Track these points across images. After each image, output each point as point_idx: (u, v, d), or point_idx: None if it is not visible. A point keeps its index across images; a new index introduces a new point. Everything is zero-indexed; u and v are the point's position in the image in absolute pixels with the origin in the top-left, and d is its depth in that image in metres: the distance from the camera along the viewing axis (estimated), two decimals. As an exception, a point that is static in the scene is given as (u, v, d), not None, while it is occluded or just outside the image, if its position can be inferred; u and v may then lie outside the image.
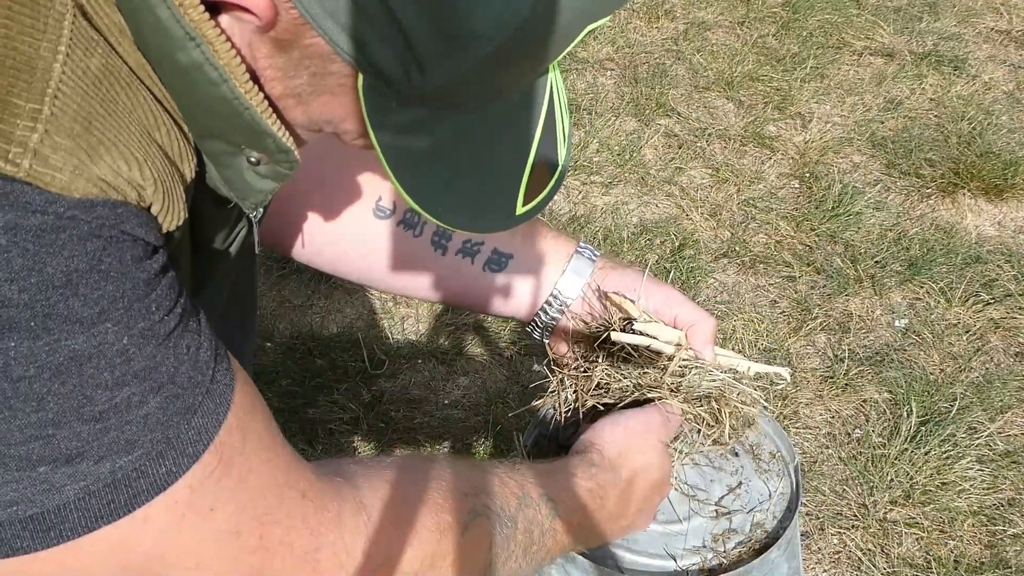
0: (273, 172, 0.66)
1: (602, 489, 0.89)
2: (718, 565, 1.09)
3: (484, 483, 0.77)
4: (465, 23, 0.54)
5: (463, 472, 0.76)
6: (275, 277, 2.24)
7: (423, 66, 0.56)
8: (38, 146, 0.50)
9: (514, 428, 1.85)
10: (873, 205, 2.50)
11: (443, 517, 0.71)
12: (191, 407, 0.56)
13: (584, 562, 1.07)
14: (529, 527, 0.79)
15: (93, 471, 0.53)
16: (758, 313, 2.19)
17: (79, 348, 0.51)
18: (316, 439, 1.87)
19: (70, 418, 0.51)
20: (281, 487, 0.62)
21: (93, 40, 0.54)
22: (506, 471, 0.81)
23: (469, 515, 0.72)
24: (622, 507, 0.93)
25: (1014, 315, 2.19)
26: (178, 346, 0.56)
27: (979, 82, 3.00)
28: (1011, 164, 2.62)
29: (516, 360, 2.05)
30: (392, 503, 0.68)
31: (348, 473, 0.68)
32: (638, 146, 2.68)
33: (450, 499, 0.72)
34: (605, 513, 0.90)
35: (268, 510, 0.61)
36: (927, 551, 1.71)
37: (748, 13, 3.29)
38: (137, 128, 0.56)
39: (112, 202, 0.52)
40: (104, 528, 0.54)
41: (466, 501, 0.73)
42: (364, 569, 0.64)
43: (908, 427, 1.89)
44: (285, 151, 0.64)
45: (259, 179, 0.66)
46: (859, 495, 1.81)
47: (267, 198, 0.68)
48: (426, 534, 0.69)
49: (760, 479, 1.19)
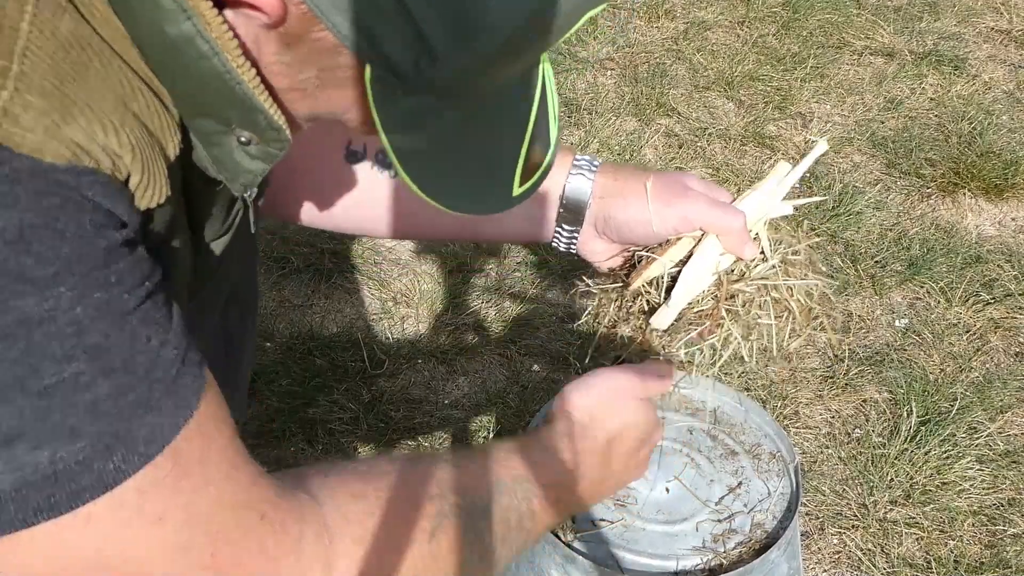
0: (263, 152, 0.64)
1: (579, 457, 0.86)
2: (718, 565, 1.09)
3: (453, 479, 0.74)
4: (479, 15, 0.54)
5: (431, 471, 0.73)
6: (275, 277, 2.24)
7: (434, 57, 0.56)
8: (8, 104, 0.47)
9: (515, 428, 1.85)
10: (873, 205, 2.50)
11: (409, 528, 0.69)
12: (146, 402, 0.52)
13: (584, 562, 1.07)
14: (505, 515, 0.77)
15: (31, 459, 0.49)
16: (758, 313, 2.19)
17: (29, 311, 0.47)
18: (316, 439, 1.87)
19: (12, 390, 0.48)
20: (240, 506, 0.58)
21: (60, 6, 0.52)
22: (477, 459, 0.78)
23: (437, 518, 0.70)
24: (604, 470, 0.89)
25: (1014, 315, 2.19)
26: (136, 332, 0.52)
27: (979, 82, 3.00)
28: (1011, 164, 2.62)
29: (516, 360, 2.05)
30: (356, 519, 0.66)
31: (314, 487, 0.65)
32: (638, 146, 2.68)
33: (416, 506, 0.70)
34: (587, 481, 0.87)
35: (223, 528, 0.57)
36: (927, 551, 1.71)
37: (748, 13, 3.29)
38: (112, 96, 0.53)
39: (78, 168, 0.49)
40: (43, 524, 0.50)
41: (433, 504, 0.71)
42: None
43: (908, 427, 1.89)
44: (276, 128, 0.62)
45: (249, 160, 0.64)
46: (859, 495, 1.81)
47: (257, 179, 0.66)
48: (390, 551, 0.67)
49: (760, 479, 1.19)
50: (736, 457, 1.22)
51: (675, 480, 1.19)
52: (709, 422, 1.27)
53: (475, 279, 2.25)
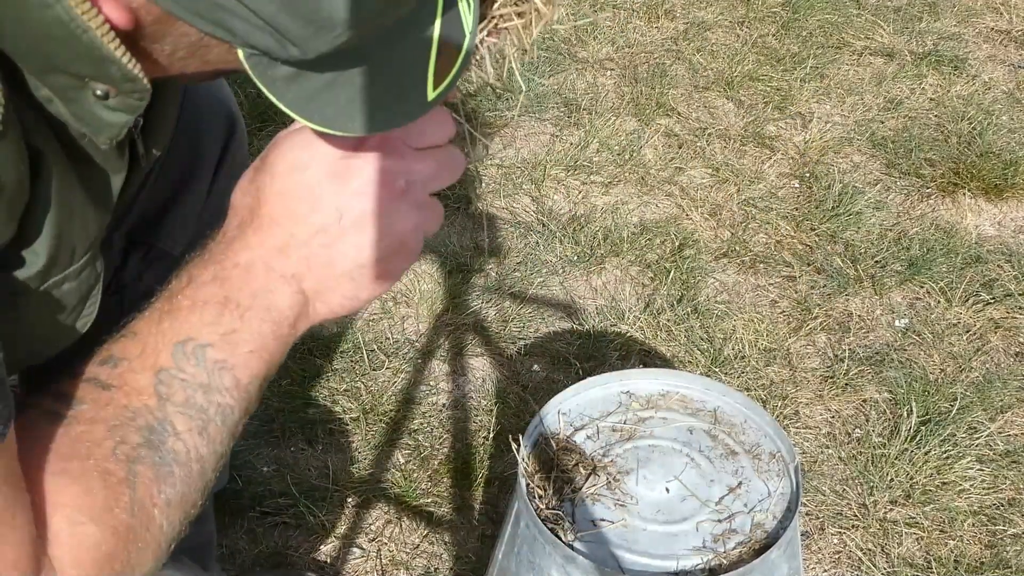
0: (123, 104, 0.61)
1: (239, 267, 0.70)
2: (718, 565, 1.09)
3: (116, 409, 0.65)
4: (322, 10, 0.53)
5: (91, 412, 0.65)
6: (275, 277, 2.24)
7: (298, 45, 0.54)
8: None
9: (515, 428, 1.85)
10: (873, 205, 2.50)
11: (110, 496, 0.62)
12: None
13: (585, 562, 1.07)
14: (187, 411, 0.67)
15: None
16: (758, 313, 2.19)
17: None
18: (316, 439, 1.87)
19: None
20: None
21: None
22: (123, 360, 0.67)
23: (127, 472, 0.63)
24: (284, 264, 0.70)
25: (1014, 315, 2.19)
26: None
27: (979, 82, 3.00)
28: (1011, 164, 2.62)
29: (516, 360, 2.05)
30: (64, 508, 0.62)
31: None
32: (638, 146, 2.68)
33: (102, 464, 0.63)
34: (269, 299, 0.71)
35: None
36: (927, 551, 1.71)
37: (748, 13, 3.29)
38: None
39: None
40: None
41: (116, 453, 0.64)
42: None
43: (908, 427, 1.89)
44: (132, 79, 0.59)
45: (110, 112, 0.61)
46: (859, 495, 1.81)
47: (122, 132, 0.64)
48: (91, 530, 0.62)
49: (760, 479, 1.19)
50: (736, 457, 1.22)
51: (675, 480, 1.19)
52: (709, 422, 1.27)
53: (475, 279, 2.25)
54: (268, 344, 0.72)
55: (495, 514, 1.74)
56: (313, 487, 1.77)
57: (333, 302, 0.74)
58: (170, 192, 1.11)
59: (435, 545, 1.71)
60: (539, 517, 1.11)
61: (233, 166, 1.17)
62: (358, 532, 1.73)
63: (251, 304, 0.70)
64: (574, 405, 1.28)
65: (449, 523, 1.74)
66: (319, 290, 0.73)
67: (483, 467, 1.82)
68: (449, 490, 1.80)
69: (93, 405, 0.65)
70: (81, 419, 0.64)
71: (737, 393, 1.30)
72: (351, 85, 0.60)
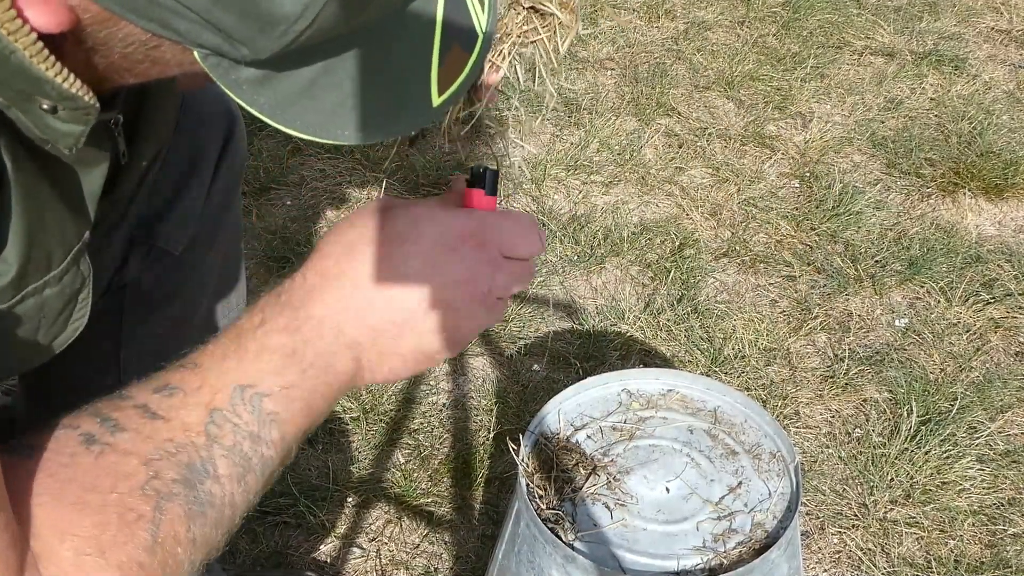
0: (73, 116, 0.59)
1: (307, 337, 0.69)
2: (718, 565, 1.09)
3: (158, 442, 0.64)
4: (260, 4, 0.50)
5: (130, 443, 0.64)
6: (275, 277, 2.24)
7: (245, 44, 0.52)
8: None
9: (515, 428, 1.85)
10: (873, 205, 2.50)
11: (124, 532, 0.60)
12: None
13: (585, 562, 1.07)
14: (231, 456, 0.66)
15: None
16: (758, 313, 2.19)
17: None
18: (316, 439, 1.87)
19: None
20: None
21: None
22: (179, 391, 0.66)
23: (154, 509, 0.62)
24: (353, 331, 0.70)
25: (1014, 315, 2.19)
26: None
27: (979, 82, 3.00)
28: (1011, 164, 2.62)
29: (516, 360, 2.05)
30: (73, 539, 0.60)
31: (32, 507, 0.60)
32: (638, 146, 2.68)
33: (125, 500, 0.61)
34: (329, 360, 0.70)
35: None
36: (927, 551, 1.71)
37: (748, 13, 3.29)
38: None
39: None
40: None
41: (144, 489, 0.62)
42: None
43: (908, 427, 1.89)
44: (69, 98, 0.57)
45: (62, 124, 0.59)
46: (859, 495, 1.81)
47: (80, 140, 0.62)
48: (98, 562, 0.59)
49: (760, 479, 1.19)
50: (736, 457, 1.22)
51: (675, 480, 1.19)
52: (709, 422, 1.27)
53: (475, 279, 2.24)
54: (317, 403, 0.71)
55: (495, 514, 1.74)
56: (313, 487, 1.77)
57: (379, 375, 0.74)
58: (170, 192, 1.11)
59: (435, 545, 1.71)
60: (539, 517, 1.11)
61: (232, 166, 1.17)
62: (358, 532, 1.73)
63: (313, 362, 0.69)
64: (574, 405, 1.28)
65: (449, 523, 1.74)
66: (373, 361, 0.72)
67: (483, 467, 1.82)
68: (449, 490, 1.80)
69: (134, 435, 0.64)
70: (117, 449, 0.63)
71: (737, 393, 1.30)
72: (338, 89, 0.57)
